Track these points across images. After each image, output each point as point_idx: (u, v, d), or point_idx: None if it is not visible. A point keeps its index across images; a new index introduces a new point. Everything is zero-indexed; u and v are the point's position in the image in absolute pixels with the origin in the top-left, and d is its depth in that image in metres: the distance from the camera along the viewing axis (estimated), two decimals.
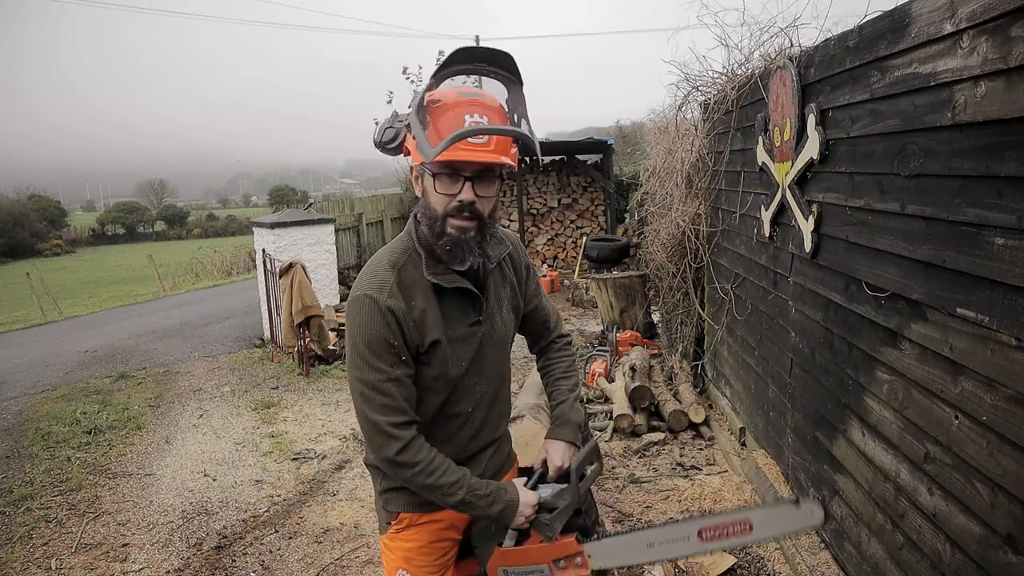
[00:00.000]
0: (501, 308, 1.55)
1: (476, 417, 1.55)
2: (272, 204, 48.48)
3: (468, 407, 1.53)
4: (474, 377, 1.51)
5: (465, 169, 1.32)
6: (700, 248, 4.70)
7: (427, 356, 1.43)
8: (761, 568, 2.88)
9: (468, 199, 1.33)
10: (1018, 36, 1.42)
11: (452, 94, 1.36)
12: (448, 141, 1.24)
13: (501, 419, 1.64)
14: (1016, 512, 1.49)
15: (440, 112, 1.33)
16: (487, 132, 1.28)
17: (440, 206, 1.36)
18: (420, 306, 1.42)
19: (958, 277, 1.70)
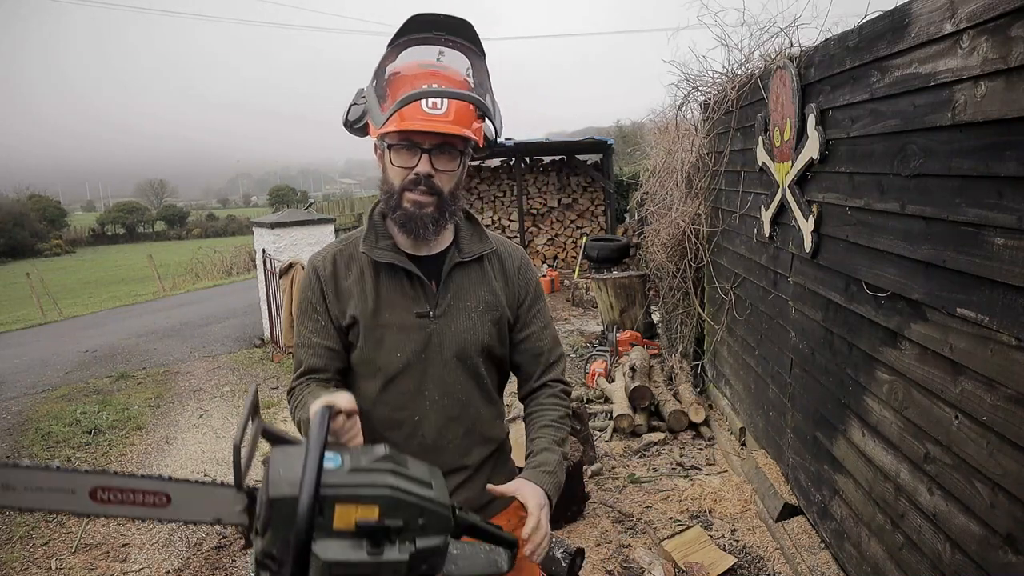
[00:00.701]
0: (468, 309, 1.38)
1: (427, 431, 1.36)
2: (272, 204, 48.55)
3: (412, 414, 1.36)
4: (419, 378, 1.35)
5: (423, 141, 1.24)
6: (700, 248, 4.70)
7: (349, 332, 1.36)
8: (761, 568, 2.88)
9: (424, 171, 1.25)
10: (1018, 36, 1.42)
11: (412, 66, 1.29)
12: (397, 104, 1.18)
13: (473, 446, 1.41)
14: (1016, 512, 1.50)
15: (398, 83, 1.26)
16: (437, 95, 1.20)
17: (397, 179, 1.28)
18: (353, 277, 1.36)
19: (958, 277, 1.70)
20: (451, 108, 1.22)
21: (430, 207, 1.28)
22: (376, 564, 0.88)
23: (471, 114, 1.25)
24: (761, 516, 3.26)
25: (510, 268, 1.46)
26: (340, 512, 0.89)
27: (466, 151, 1.31)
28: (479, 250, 1.41)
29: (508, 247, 1.50)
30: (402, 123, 1.20)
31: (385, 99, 1.25)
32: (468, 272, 1.40)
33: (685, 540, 3.03)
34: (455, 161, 1.28)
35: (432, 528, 0.94)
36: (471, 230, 1.43)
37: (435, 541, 0.94)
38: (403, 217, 1.29)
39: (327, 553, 0.87)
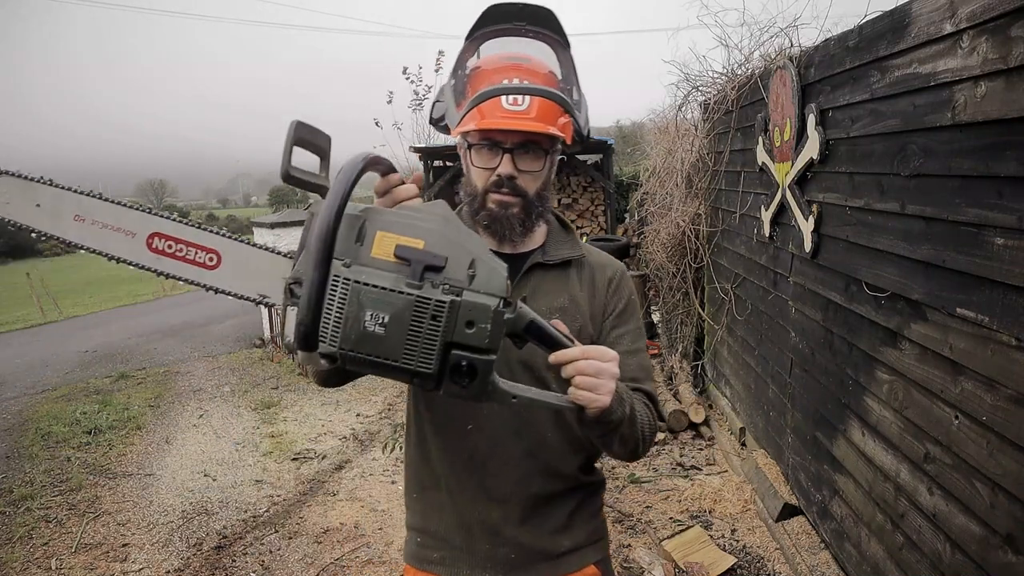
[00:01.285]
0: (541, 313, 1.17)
1: (480, 441, 1.21)
2: (272, 204, 48.49)
3: (466, 421, 1.22)
4: None
5: (504, 140, 1.16)
6: (700, 248, 4.70)
7: None
8: (761, 568, 2.88)
9: (506, 172, 1.16)
10: (1018, 36, 1.42)
11: (493, 59, 1.21)
12: (472, 102, 1.12)
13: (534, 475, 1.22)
14: (1016, 512, 1.49)
15: (478, 79, 1.18)
16: (516, 92, 1.11)
17: (480, 181, 1.20)
18: None
19: (958, 277, 1.70)
20: (534, 104, 1.13)
21: (515, 207, 1.20)
22: (411, 298, 0.80)
23: (556, 110, 1.16)
24: (761, 516, 3.26)
25: (600, 280, 1.31)
26: (380, 239, 0.83)
27: (553, 149, 1.21)
28: (566, 255, 1.29)
29: (604, 259, 1.36)
30: (481, 121, 1.12)
31: (464, 96, 1.18)
32: (549, 276, 1.27)
33: (685, 540, 3.03)
34: (540, 160, 1.19)
35: (484, 285, 0.85)
36: (563, 236, 1.33)
37: (484, 300, 0.83)
38: (488, 218, 1.20)
39: (360, 275, 0.81)
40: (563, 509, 1.26)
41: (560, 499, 1.26)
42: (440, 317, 0.81)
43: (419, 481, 1.30)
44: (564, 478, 1.26)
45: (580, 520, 1.28)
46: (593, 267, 1.32)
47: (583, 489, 1.29)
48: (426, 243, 0.82)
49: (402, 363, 0.83)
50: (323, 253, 0.76)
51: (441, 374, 0.85)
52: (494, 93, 1.11)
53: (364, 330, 0.81)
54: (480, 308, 0.83)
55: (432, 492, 1.27)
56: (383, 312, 0.81)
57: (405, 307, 0.81)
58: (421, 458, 1.29)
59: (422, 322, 0.82)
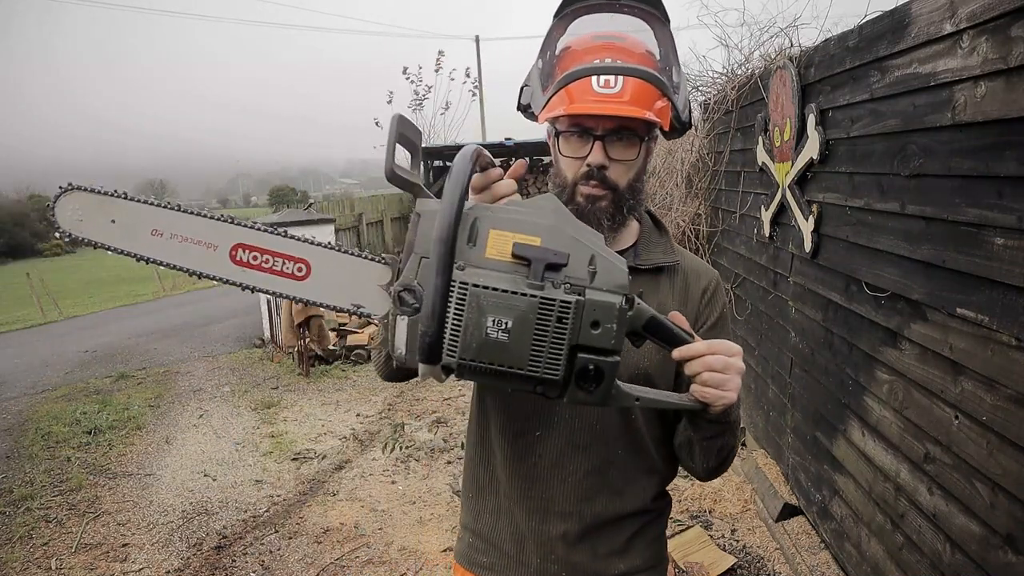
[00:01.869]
0: None
1: (545, 451, 1.15)
2: (272, 204, 48.51)
3: (534, 427, 1.16)
4: None
5: (595, 126, 1.06)
6: (700, 248, 4.70)
7: None
8: (761, 568, 2.88)
9: (597, 162, 1.06)
10: (1018, 36, 1.42)
11: (586, 38, 1.10)
12: (559, 83, 1.03)
13: (598, 493, 1.16)
14: (1016, 512, 1.49)
15: (567, 59, 1.08)
16: (606, 72, 1.01)
17: (570, 172, 1.11)
18: None
19: (958, 277, 1.70)
20: (627, 86, 1.03)
21: (604, 201, 1.10)
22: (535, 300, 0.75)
23: (653, 92, 1.05)
24: (761, 516, 3.26)
25: (695, 289, 1.21)
26: (494, 238, 0.78)
27: (650, 136, 1.11)
28: (659, 260, 1.18)
29: (699, 267, 1.25)
30: (570, 106, 1.03)
31: (551, 79, 1.09)
32: (640, 282, 1.16)
33: (685, 540, 3.03)
34: (634, 148, 1.09)
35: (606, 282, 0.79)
36: (656, 237, 1.22)
37: (608, 299, 0.78)
38: (576, 212, 1.08)
39: (477, 278, 0.75)
40: (624, 532, 1.19)
41: (622, 521, 1.18)
42: (566, 319, 0.76)
43: (476, 481, 1.25)
44: (630, 499, 1.18)
45: (640, 544, 1.21)
46: (687, 274, 1.21)
47: (648, 513, 1.22)
48: (543, 239, 0.77)
49: (527, 371, 0.77)
50: (445, 259, 0.72)
51: (567, 380, 0.79)
52: (583, 73, 1.02)
53: (486, 337, 0.76)
54: (605, 307, 0.78)
55: (489, 495, 1.22)
56: (506, 317, 0.75)
57: (529, 310, 0.75)
58: (481, 459, 1.24)
59: (547, 325, 0.76)
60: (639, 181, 1.13)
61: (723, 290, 1.25)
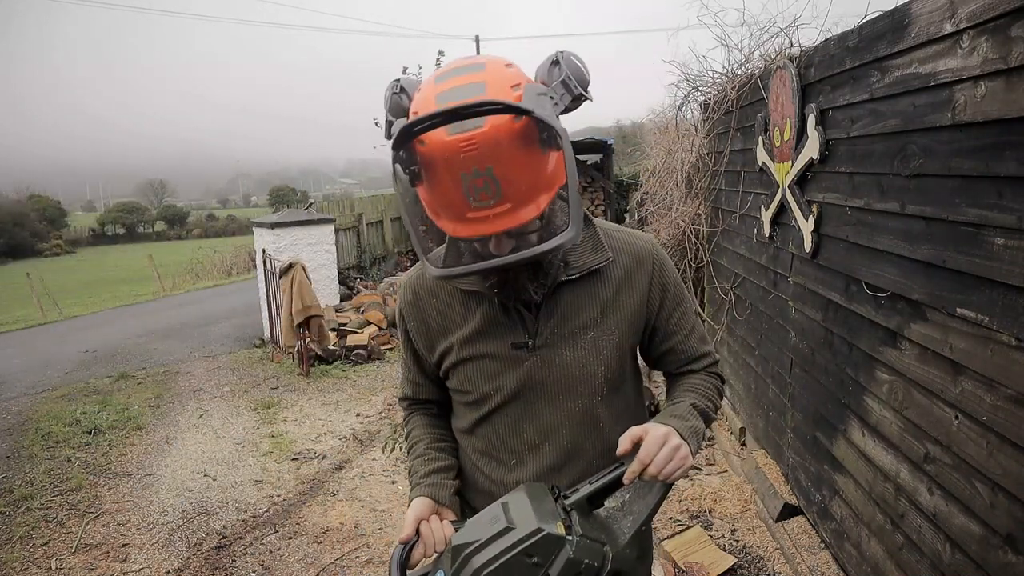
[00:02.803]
0: (575, 338, 1.13)
1: (523, 476, 1.16)
2: (272, 204, 48.58)
3: (509, 456, 1.17)
4: (516, 417, 1.15)
5: (486, 247, 0.98)
6: (700, 248, 4.70)
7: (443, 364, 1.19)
8: (761, 568, 2.88)
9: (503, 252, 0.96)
10: (1018, 36, 1.42)
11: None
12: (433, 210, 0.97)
13: None
14: (1016, 512, 1.50)
15: (432, 171, 0.93)
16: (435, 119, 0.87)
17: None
18: (438, 304, 1.17)
19: (958, 277, 1.70)
20: (506, 189, 0.90)
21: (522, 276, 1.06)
22: None
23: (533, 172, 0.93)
24: (761, 516, 3.26)
25: (638, 275, 1.17)
26: None
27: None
28: (591, 263, 1.13)
29: (633, 247, 1.19)
30: (455, 229, 0.96)
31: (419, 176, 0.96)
32: (578, 290, 1.13)
33: (685, 540, 3.03)
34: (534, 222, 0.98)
35: (545, 552, 0.86)
36: (583, 236, 1.14)
37: (561, 560, 0.87)
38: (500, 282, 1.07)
39: None
40: None
41: None
42: None
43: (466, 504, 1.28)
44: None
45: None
46: (626, 262, 1.17)
47: None
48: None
49: None
50: None
51: None
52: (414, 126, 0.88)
53: None
54: (569, 564, 0.87)
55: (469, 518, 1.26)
56: None
57: None
58: (467, 485, 1.27)
59: None
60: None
61: (665, 256, 1.22)
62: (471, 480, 1.27)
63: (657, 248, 1.22)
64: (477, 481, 1.24)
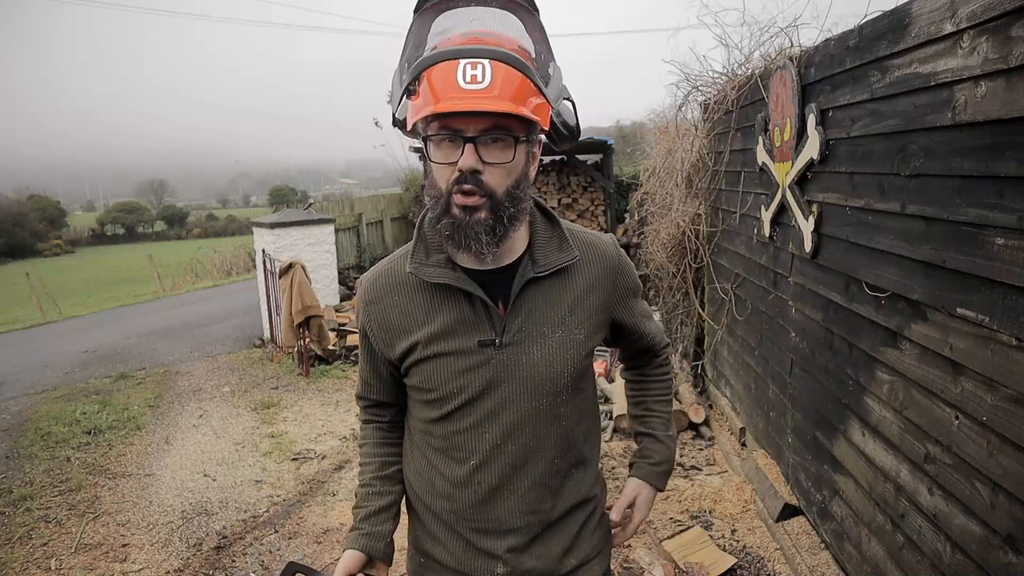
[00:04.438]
0: (544, 336, 1.13)
1: (485, 477, 1.15)
2: (272, 204, 48.57)
3: (469, 456, 1.15)
4: (479, 417, 1.13)
5: (464, 127, 0.98)
6: (700, 248, 4.70)
7: (404, 362, 1.17)
8: (761, 568, 2.88)
9: (468, 166, 0.98)
10: (1018, 36, 1.42)
11: (453, 37, 1.02)
12: (413, 70, 0.95)
13: (542, 502, 1.18)
14: (1016, 512, 1.49)
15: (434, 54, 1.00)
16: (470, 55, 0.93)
17: (442, 180, 1.03)
18: (400, 302, 1.15)
19: (958, 277, 1.70)
20: (496, 79, 0.95)
21: (481, 212, 1.02)
22: None
23: (526, 87, 0.98)
24: (761, 516, 3.26)
25: (603, 274, 1.20)
26: None
27: (528, 138, 1.03)
28: (559, 261, 1.14)
29: (598, 248, 1.22)
30: (437, 104, 0.95)
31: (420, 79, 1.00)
32: (546, 288, 1.14)
33: (685, 540, 3.03)
34: (508, 151, 1.01)
35: None
36: (549, 234, 1.17)
37: None
38: (449, 227, 1.03)
39: None
40: (571, 528, 1.23)
41: (568, 519, 1.22)
42: None
43: (421, 505, 1.26)
44: (571, 497, 1.22)
45: (587, 534, 1.26)
46: (590, 262, 1.19)
47: (589, 503, 1.26)
48: None
49: None
50: None
51: None
52: (442, 57, 0.94)
53: None
54: None
55: (435, 520, 1.23)
56: None
57: None
58: (422, 486, 1.25)
59: None
60: (519, 188, 1.05)
61: (625, 258, 1.26)
62: (428, 483, 1.22)
63: (619, 247, 1.26)
64: (435, 484, 1.20)
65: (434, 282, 1.11)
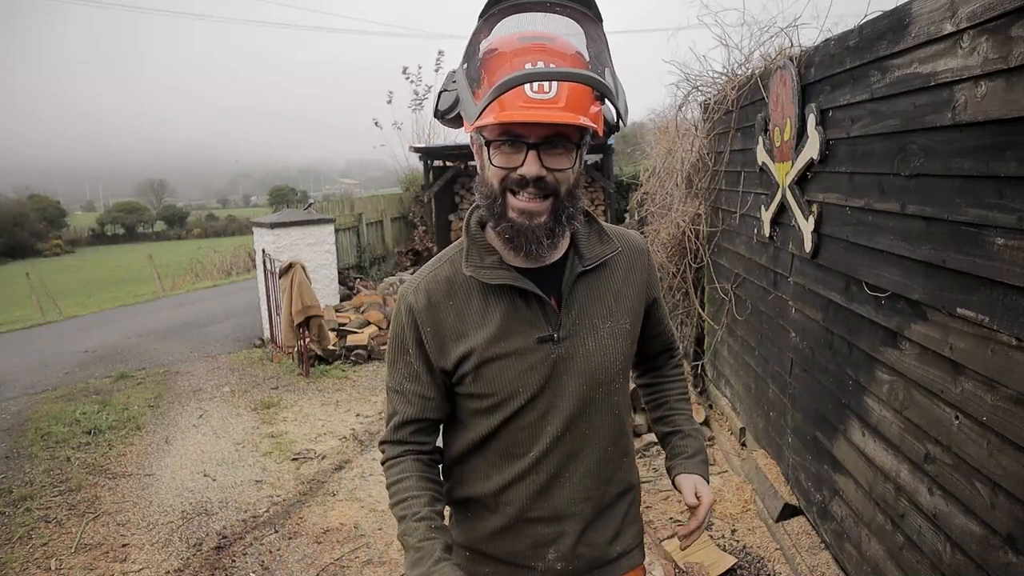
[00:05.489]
0: (596, 328, 1.17)
1: (544, 467, 1.17)
2: (272, 204, 48.59)
3: (527, 450, 1.16)
4: (541, 412, 1.15)
5: (528, 134, 1.00)
6: (700, 248, 4.70)
7: (460, 370, 1.15)
8: (761, 568, 2.88)
9: (533, 173, 1.01)
10: (1018, 36, 1.42)
11: (512, 40, 1.03)
12: (493, 92, 0.94)
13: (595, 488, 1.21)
14: (1016, 512, 1.49)
15: (495, 63, 1.01)
16: (543, 77, 0.94)
17: (496, 179, 1.05)
18: (456, 307, 1.14)
19: (958, 277, 1.70)
20: (562, 92, 0.98)
21: (543, 215, 1.05)
22: None
23: (588, 96, 1.01)
24: (761, 516, 3.26)
25: (639, 267, 1.25)
26: None
27: (583, 143, 1.07)
28: (602, 253, 1.18)
29: (631, 241, 1.27)
30: (501, 114, 0.97)
31: (479, 83, 1.02)
32: (591, 281, 1.18)
33: None
34: (570, 156, 1.04)
35: None
36: (588, 229, 1.20)
37: None
38: (510, 231, 1.06)
39: None
40: (617, 516, 1.28)
41: (615, 506, 1.27)
42: None
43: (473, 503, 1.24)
44: (619, 483, 1.27)
45: (629, 523, 1.31)
46: (628, 254, 1.24)
47: (631, 491, 1.32)
48: None
49: None
50: None
51: None
52: (517, 82, 0.93)
53: None
54: None
55: (489, 516, 1.22)
56: None
57: None
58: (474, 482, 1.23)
59: None
60: (577, 188, 1.09)
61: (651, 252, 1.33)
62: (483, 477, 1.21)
63: (645, 242, 1.31)
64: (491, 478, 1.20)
65: (493, 283, 1.12)
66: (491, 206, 1.08)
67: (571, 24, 1.07)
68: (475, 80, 1.03)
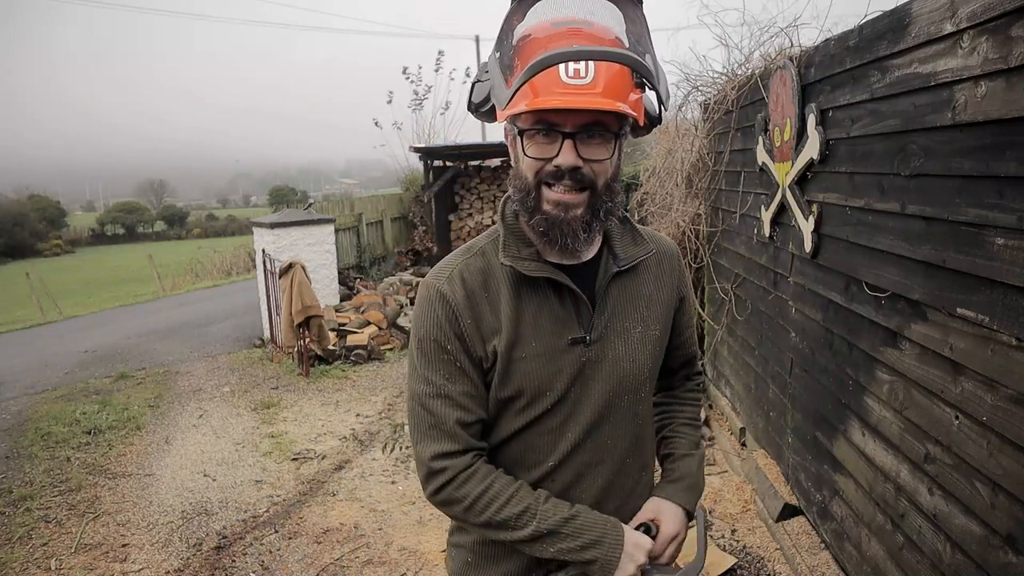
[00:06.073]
0: (627, 332, 1.11)
1: (560, 477, 1.11)
2: (272, 204, 48.59)
3: (546, 457, 1.10)
4: (564, 418, 1.09)
5: (563, 123, 0.94)
6: (700, 248, 4.70)
7: (492, 365, 1.07)
8: (761, 568, 2.88)
9: (568, 163, 0.95)
10: (1018, 36, 1.42)
11: (545, 25, 0.96)
12: (525, 75, 0.88)
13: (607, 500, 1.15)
14: (1016, 512, 1.49)
15: (529, 49, 0.93)
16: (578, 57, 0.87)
17: (531, 171, 0.99)
18: (492, 297, 1.06)
19: (958, 277, 1.70)
20: (600, 76, 0.91)
21: (579, 208, 0.99)
22: None
23: (627, 82, 0.95)
24: (761, 516, 3.26)
25: (669, 270, 1.19)
26: None
27: (622, 132, 1.00)
28: (636, 255, 1.12)
29: (662, 243, 1.21)
30: (535, 100, 0.91)
31: (512, 70, 0.95)
32: (624, 283, 1.12)
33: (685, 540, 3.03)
34: (608, 145, 0.98)
35: None
36: (622, 228, 1.14)
37: None
38: (544, 223, 1.00)
39: None
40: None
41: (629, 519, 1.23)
42: None
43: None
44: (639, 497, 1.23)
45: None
46: (660, 257, 1.19)
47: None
48: None
49: None
50: None
51: None
52: (551, 62, 0.87)
53: None
54: None
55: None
56: None
57: None
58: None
59: None
60: (616, 181, 1.03)
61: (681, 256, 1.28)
62: None
63: (676, 245, 1.27)
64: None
65: (532, 275, 1.04)
66: (524, 199, 1.02)
67: (608, 5, 1.01)
68: (508, 68, 0.96)
